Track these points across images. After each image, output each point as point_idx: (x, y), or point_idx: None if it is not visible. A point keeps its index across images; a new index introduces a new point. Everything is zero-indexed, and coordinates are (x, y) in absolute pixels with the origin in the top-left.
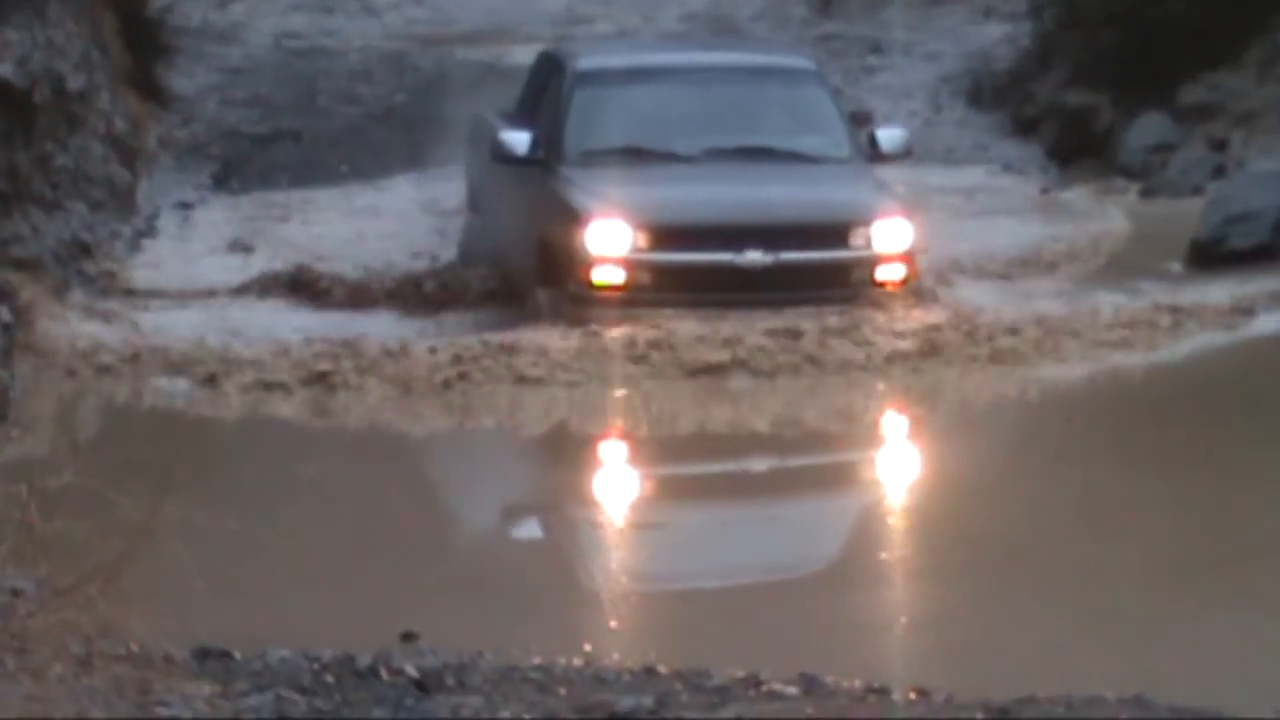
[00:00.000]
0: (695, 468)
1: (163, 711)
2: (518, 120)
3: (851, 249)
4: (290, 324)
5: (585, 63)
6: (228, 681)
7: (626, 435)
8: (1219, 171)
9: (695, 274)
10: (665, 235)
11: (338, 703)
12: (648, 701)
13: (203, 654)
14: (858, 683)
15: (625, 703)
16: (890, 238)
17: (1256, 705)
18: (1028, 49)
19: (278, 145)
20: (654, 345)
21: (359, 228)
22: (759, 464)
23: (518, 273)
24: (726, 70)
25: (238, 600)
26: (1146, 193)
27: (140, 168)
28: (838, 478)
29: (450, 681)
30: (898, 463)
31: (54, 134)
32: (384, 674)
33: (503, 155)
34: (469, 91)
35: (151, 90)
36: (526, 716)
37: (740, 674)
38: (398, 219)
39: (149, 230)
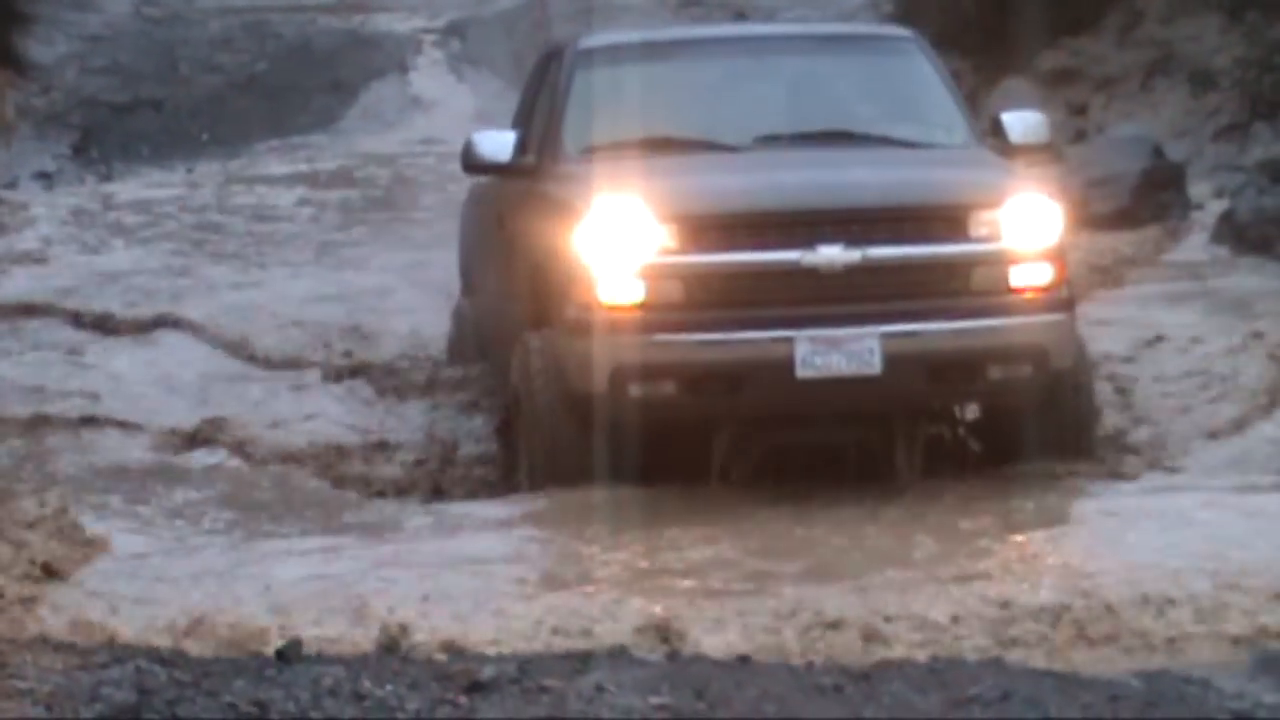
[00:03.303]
0: None
1: (19, 684)
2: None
3: (973, 241)
4: None
5: (590, 40)
6: (86, 653)
7: None
8: (1079, 136)
9: (746, 284)
10: (703, 229)
11: (198, 674)
12: (510, 669)
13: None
14: (721, 653)
15: (488, 671)
16: (1029, 226)
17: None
18: (889, 14)
19: (138, 114)
20: None
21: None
22: None
23: (505, 327)
24: (785, 39)
25: None
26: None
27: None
28: None
29: (311, 651)
30: None
31: None
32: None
33: (478, 164)
34: (331, 59)
35: (9, 58)
36: (389, 686)
37: (606, 643)
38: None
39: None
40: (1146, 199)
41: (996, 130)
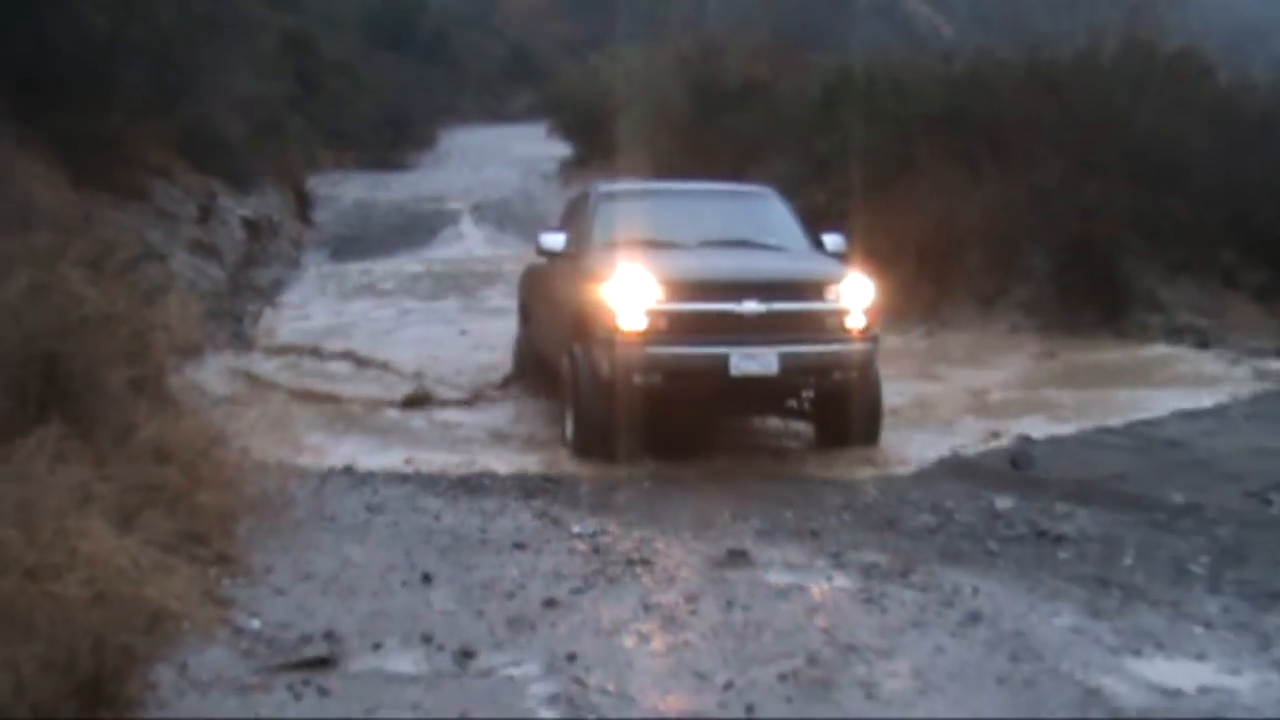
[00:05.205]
0: None
1: None
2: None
3: (827, 302)
4: None
5: (605, 188)
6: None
7: None
8: None
9: (703, 320)
10: (679, 289)
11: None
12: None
13: None
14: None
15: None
16: (856, 294)
17: None
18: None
19: (356, 240)
20: None
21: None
22: None
23: (558, 343)
24: (709, 192)
25: None
26: None
27: (302, 250)
28: None
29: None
30: None
31: (268, 240)
32: None
33: (544, 251)
34: (427, 219)
35: (306, 220)
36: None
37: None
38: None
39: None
40: None
41: (819, 243)
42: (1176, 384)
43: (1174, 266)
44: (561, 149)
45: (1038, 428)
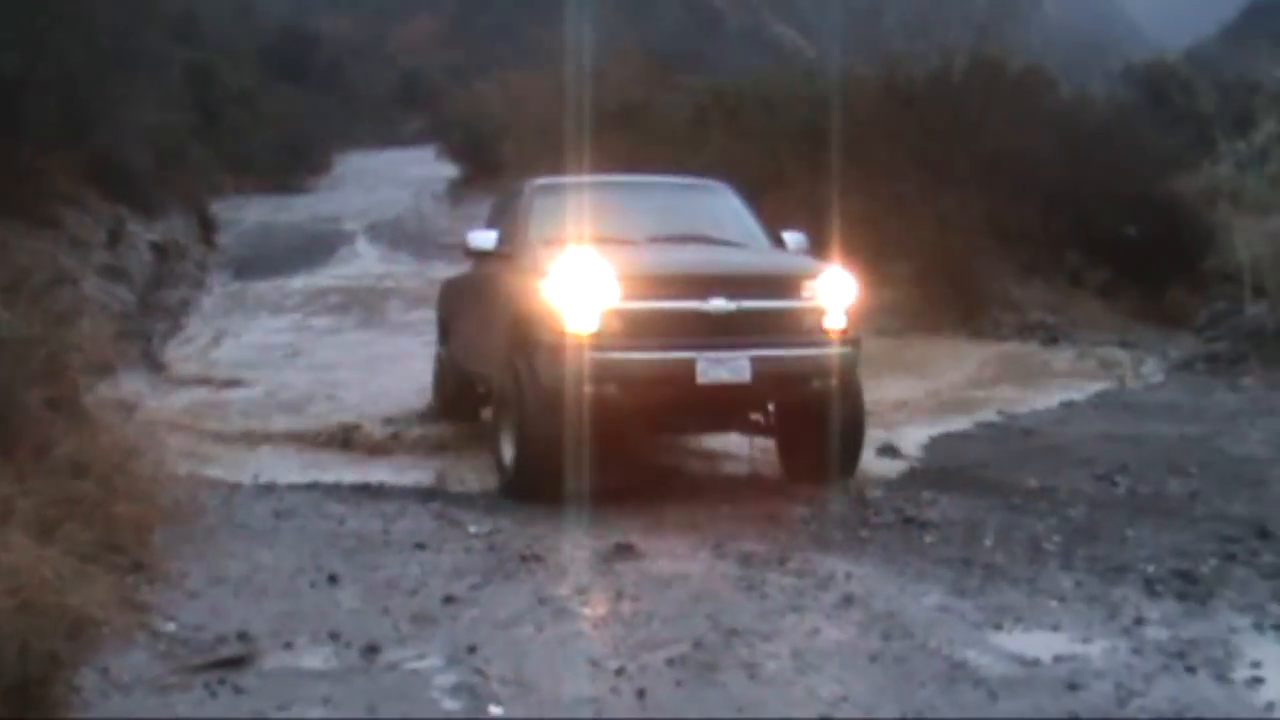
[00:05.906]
0: None
1: None
2: None
3: (802, 300)
4: None
5: (541, 180)
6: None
7: None
8: None
9: (664, 320)
10: (635, 285)
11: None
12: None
13: None
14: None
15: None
16: (835, 291)
17: None
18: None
19: (258, 261)
20: None
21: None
22: None
23: (492, 357)
24: (656, 185)
25: None
26: None
27: (206, 272)
28: None
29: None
30: None
31: (175, 262)
32: None
33: (473, 251)
34: (325, 239)
35: (210, 242)
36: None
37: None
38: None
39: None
40: None
41: (779, 241)
42: (1033, 379)
43: (1025, 268)
44: (450, 170)
45: (907, 423)
